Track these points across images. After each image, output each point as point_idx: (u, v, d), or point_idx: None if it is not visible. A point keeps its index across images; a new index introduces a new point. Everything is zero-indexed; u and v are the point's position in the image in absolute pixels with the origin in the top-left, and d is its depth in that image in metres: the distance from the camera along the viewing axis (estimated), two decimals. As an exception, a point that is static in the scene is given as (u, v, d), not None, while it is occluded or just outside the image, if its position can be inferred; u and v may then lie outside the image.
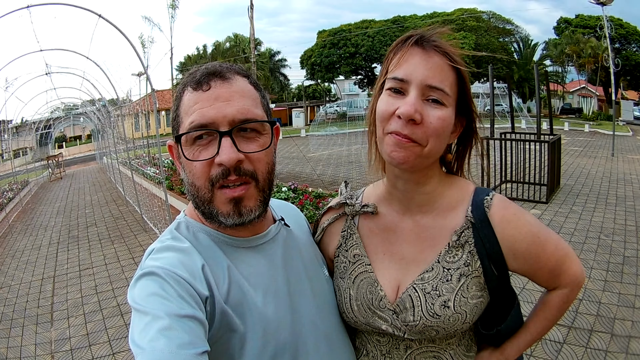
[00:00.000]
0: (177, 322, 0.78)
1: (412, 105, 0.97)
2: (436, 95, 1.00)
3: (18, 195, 15.62)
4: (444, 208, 1.13)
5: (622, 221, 7.26)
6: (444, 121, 1.01)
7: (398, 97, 1.01)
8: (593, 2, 16.93)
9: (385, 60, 1.09)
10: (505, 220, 1.07)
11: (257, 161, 1.00)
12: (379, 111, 1.03)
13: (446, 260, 1.08)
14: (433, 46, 1.02)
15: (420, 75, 0.99)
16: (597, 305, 4.36)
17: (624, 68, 33.40)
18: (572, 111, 40.57)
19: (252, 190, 1.00)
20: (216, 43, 43.79)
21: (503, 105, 20.07)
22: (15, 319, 5.26)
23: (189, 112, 0.98)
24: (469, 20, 41.82)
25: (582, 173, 11.94)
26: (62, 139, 47.31)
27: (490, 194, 1.11)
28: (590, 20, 38.50)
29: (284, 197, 7.89)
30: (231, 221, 0.99)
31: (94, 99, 16.42)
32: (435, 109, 1.00)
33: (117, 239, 8.60)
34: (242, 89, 1.01)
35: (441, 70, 1.01)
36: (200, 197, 0.99)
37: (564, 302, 1.16)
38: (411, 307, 1.07)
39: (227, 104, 0.97)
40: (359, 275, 1.17)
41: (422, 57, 1.01)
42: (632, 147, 18.74)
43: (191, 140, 0.97)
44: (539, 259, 1.09)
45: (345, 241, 1.23)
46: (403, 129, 0.98)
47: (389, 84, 1.02)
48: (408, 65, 1.00)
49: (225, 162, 0.94)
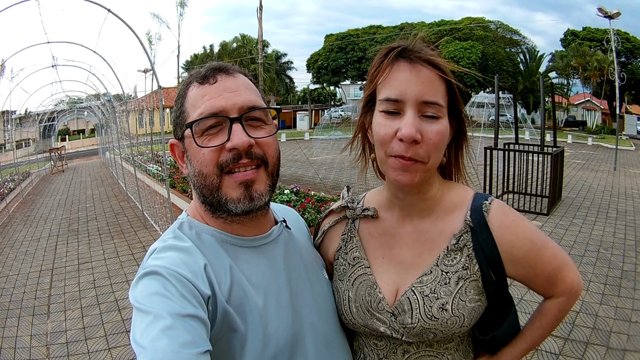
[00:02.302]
0: (179, 321, 0.79)
1: (412, 126, 0.97)
2: (432, 111, 1.00)
3: (19, 186, 15.66)
4: (443, 212, 1.14)
5: (622, 235, 7.25)
6: (442, 134, 1.01)
7: (394, 118, 1.00)
8: (600, 15, 16.94)
9: (370, 76, 1.08)
10: (504, 226, 1.08)
11: (267, 146, 1.04)
12: (378, 135, 1.03)
13: (445, 264, 1.09)
14: (419, 58, 1.01)
15: (414, 93, 0.99)
16: (593, 318, 4.36)
17: (629, 82, 33.40)
18: (576, 124, 40.55)
19: (263, 174, 1.03)
20: (223, 43, 43.90)
21: (507, 116, 20.06)
22: (11, 310, 5.26)
23: (197, 105, 1.00)
24: (476, 29, 41.88)
25: (583, 186, 11.94)
26: (66, 132, 47.35)
27: (489, 199, 1.12)
28: (597, 33, 38.56)
29: (286, 199, 7.88)
30: (241, 207, 1.00)
31: (99, 93, 16.47)
32: (432, 124, 1.00)
33: (117, 234, 8.61)
34: (246, 82, 1.06)
35: (433, 83, 1.01)
36: (208, 186, 1.00)
37: (560, 311, 1.16)
38: (409, 309, 1.08)
39: (235, 93, 1.01)
40: (358, 277, 1.17)
41: (411, 72, 1.00)
42: (634, 161, 18.73)
43: (200, 131, 0.99)
44: (536, 266, 1.10)
45: (346, 244, 1.24)
46: (406, 151, 0.99)
47: (383, 106, 1.02)
48: (399, 84, 1.00)
49: (238, 145, 0.97)
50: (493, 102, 13.77)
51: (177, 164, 1.14)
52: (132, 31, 7.11)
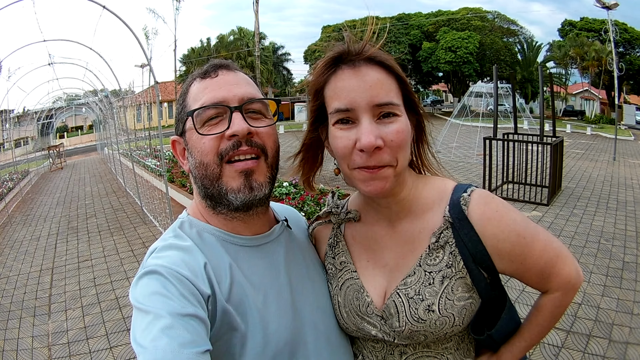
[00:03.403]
0: (179, 321, 0.79)
1: (370, 134, 0.93)
2: (387, 110, 0.96)
3: (18, 185, 15.66)
4: (420, 210, 1.10)
5: (623, 226, 7.26)
6: (403, 132, 0.97)
7: (350, 127, 0.97)
8: (598, 6, 16.85)
9: (313, 88, 1.05)
10: (486, 218, 1.01)
11: (266, 136, 1.05)
12: (337, 149, 0.99)
13: (427, 264, 1.05)
14: (362, 60, 0.98)
15: (364, 98, 0.94)
16: (595, 310, 4.36)
17: (627, 72, 33.30)
18: (574, 113, 40.59)
19: (262, 165, 1.04)
20: (220, 36, 43.65)
21: (506, 105, 20.02)
22: (12, 311, 5.26)
23: (198, 98, 1.03)
24: (474, 19, 41.72)
25: (583, 176, 11.95)
26: (64, 129, 47.27)
27: (469, 190, 1.05)
28: (594, 24, 38.40)
29: (285, 192, 7.88)
30: (241, 197, 1.00)
31: (96, 89, 16.42)
32: (390, 124, 0.96)
33: (116, 231, 8.61)
34: (246, 78, 1.10)
35: (382, 83, 0.96)
36: (209, 175, 1.01)
37: (557, 307, 1.10)
38: (396, 312, 1.05)
39: (236, 86, 1.04)
40: (345, 282, 1.15)
41: (356, 77, 0.96)
42: (633, 151, 18.76)
43: (201, 122, 1.01)
44: (525, 260, 1.03)
45: (333, 249, 1.22)
46: (369, 161, 0.95)
47: (335, 118, 0.98)
48: (348, 92, 0.96)
49: (238, 131, 0.98)
50: (491, 92, 13.74)
51: (176, 159, 1.15)
52: (127, 27, 7.07)
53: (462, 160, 14.78)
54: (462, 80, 42.50)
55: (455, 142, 17.73)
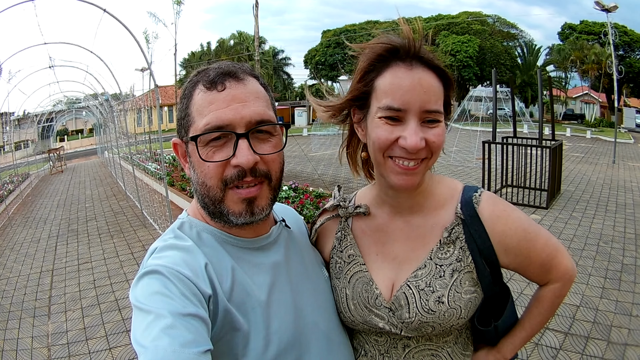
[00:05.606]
0: (180, 320, 0.78)
1: (416, 135, 0.97)
2: (433, 117, 1.00)
3: (18, 188, 15.63)
4: (433, 206, 1.15)
5: (622, 229, 7.26)
6: (442, 136, 1.02)
7: (395, 124, 1.00)
8: (598, 9, 16.89)
9: (361, 73, 1.05)
10: (495, 216, 1.09)
11: (272, 162, 1.02)
12: (378, 140, 1.01)
13: (438, 257, 1.10)
14: (418, 61, 1.00)
15: (417, 102, 0.97)
16: (594, 312, 4.36)
17: (627, 75, 33.42)
18: (574, 117, 40.55)
19: (265, 190, 1.02)
20: (220, 40, 43.77)
21: (505, 109, 20.06)
22: (12, 312, 5.26)
23: (204, 113, 0.97)
24: (474, 23, 41.81)
25: (582, 179, 11.94)
26: (64, 132, 47.31)
27: (479, 191, 1.14)
28: (594, 27, 38.48)
29: (285, 196, 7.89)
30: (242, 220, 1.00)
31: (96, 93, 16.44)
32: (433, 129, 1.00)
33: (116, 233, 8.61)
34: (256, 90, 1.02)
35: (435, 91, 1.00)
36: (211, 197, 0.99)
37: (557, 297, 1.18)
38: (406, 304, 1.09)
39: (243, 105, 0.97)
40: (354, 275, 1.18)
41: (412, 79, 0.98)
42: (633, 154, 18.74)
43: (204, 142, 0.97)
44: (529, 254, 1.11)
45: (340, 242, 1.25)
46: (410, 155, 1.00)
47: (384, 113, 1.00)
48: (404, 93, 0.98)
49: (243, 164, 0.95)
50: (491, 96, 13.76)
51: (178, 161, 1.14)
52: (128, 30, 7.09)
53: (462, 165, 14.72)
54: (462, 84, 42.57)
55: (454, 146, 17.75)
